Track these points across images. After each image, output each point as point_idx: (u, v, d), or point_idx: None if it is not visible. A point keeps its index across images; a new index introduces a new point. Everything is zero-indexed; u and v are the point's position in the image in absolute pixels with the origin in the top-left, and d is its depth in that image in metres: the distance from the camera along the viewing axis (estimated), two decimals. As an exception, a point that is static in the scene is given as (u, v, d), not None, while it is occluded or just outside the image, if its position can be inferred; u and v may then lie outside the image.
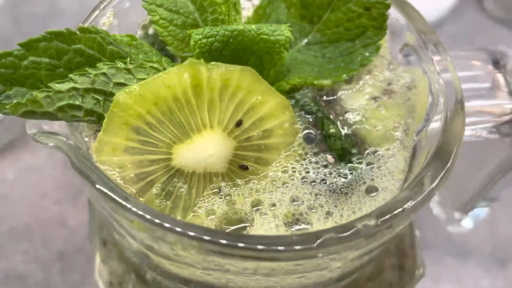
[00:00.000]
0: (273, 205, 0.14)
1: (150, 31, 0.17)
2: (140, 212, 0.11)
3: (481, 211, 0.24)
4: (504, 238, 0.39)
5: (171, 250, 0.12)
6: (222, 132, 0.15)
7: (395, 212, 0.11)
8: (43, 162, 0.40)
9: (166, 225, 0.11)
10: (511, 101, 0.16)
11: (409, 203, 0.11)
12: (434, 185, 0.12)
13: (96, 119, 0.14)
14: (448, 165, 0.12)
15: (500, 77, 0.16)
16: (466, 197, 0.23)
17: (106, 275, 0.17)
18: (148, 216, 0.11)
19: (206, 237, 0.11)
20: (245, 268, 0.12)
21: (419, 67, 0.16)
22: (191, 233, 0.11)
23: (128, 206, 0.11)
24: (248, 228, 0.13)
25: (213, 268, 0.12)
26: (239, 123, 0.15)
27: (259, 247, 0.11)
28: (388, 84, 0.17)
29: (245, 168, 0.15)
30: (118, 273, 0.17)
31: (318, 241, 0.11)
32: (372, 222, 0.11)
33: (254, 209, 0.14)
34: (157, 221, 0.11)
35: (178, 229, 0.11)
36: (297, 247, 0.11)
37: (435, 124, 0.14)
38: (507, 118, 0.16)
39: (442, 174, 0.12)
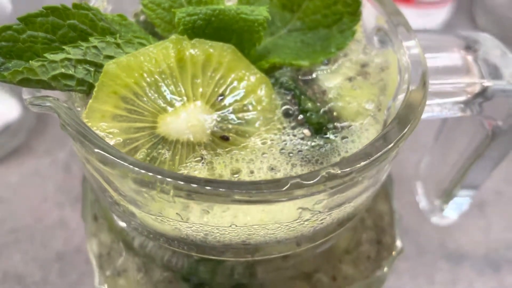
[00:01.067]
0: (252, 172, 0.15)
1: (142, 18, 0.18)
2: (131, 164, 0.12)
3: (463, 201, 0.25)
4: (497, 242, 0.40)
5: (157, 201, 0.13)
6: (205, 105, 0.16)
7: (356, 165, 0.12)
8: (45, 168, 0.41)
9: (158, 176, 0.12)
10: (480, 79, 0.17)
11: (367, 160, 0.13)
12: (390, 146, 0.13)
13: (87, 89, 0.15)
14: (405, 130, 0.13)
15: (470, 58, 0.17)
16: (445, 184, 0.24)
17: (96, 248, 0.18)
18: (139, 166, 0.12)
19: (192, 184, 0.12)
20: (221, 217, 0.13)
21: (391, 48, 0.17)
22: (180, 182, 0.12)
23: (124, 160, 0.13)
24: (226, 215, 0.14)
25: (193, 221, 0.13)
26: (220, 97, 0.16)
27: (235, 190, 0.12)
28: (363, 66, 0.18)
29: (226, 139, 0.16)
30: (107, 244, 0.18)
31: (286, 186, 0.12)
32: (335, 170, 0.12)
33: (233, 175, 0.15)
34: (149, 170, 0.12)
35: (169, 178, 0.12)
36: (267, 191, 0.12)
37: (401, 97, 0.15)
38: (477, 94, 0.17)
39: (398, 136, 0.13)
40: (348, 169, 0.12)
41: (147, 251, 0.16)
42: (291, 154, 0.15)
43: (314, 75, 0.18)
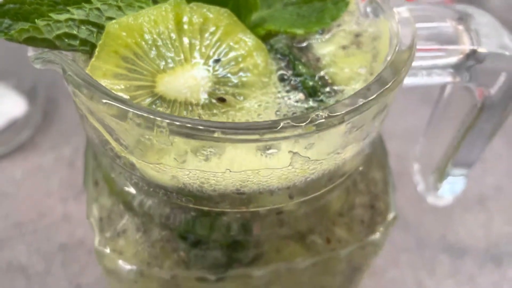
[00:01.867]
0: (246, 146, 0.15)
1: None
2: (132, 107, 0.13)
3: (458, 181, 0.25)
4: (498, 236, 0.40)
5: (156, 146, 0.13)
6: (202, 66, 0.16)
7: (343, 110, 0.13)
8: (49, 164, 0.42)
9: (158, 117, 0.13)
10: (471, 46, 0.17)
11: (351, 106, 0.13)
12: (373, 96, 0.13)
13: (90, 49, 0.16)
14: (389, 85, 0.14)
15: (462, 28, 0.18)
16: (439, 163, 0.24)
17: (97, 212, 0.18)
18: (140, 108, 0.13)
19: (190, 124, 0.12)
20: (218, 164, 0.13)
21: (383, 17, 0.18)
22: (178, 122, 0.13)
23: (126, 103, 0.13)
24: (221, 158, 0.15)
25: (189, 165, 0.13)
26: (217, 60, 0.16)
27: (230, 130, 0.12)
28: (356, 36, 0.18)
29: (222, 100, 0.16)
30: (107, 207, 0.18)
31: (279, 126, 0.13)
32: (323, 113, 0.13)
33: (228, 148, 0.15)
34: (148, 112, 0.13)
35: (166, 119, 0.13)
36: (262, 131, 0.13)
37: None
38: (467, 57, 0.17)
39: (382, 90, 0.14)
40: (336, 113, 0.13)
41: (145, 210, 0.17)
42: (285, 116, 0.16)
43: (308, 44, 0.18)
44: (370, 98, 0.13)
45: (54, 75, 0.52)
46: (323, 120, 0.13)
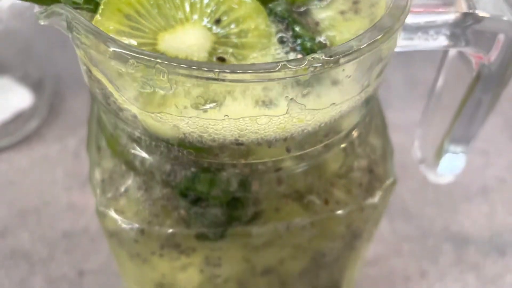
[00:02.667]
0: (245, 90, 0.16)
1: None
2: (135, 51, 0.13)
3: (457, 158, 0.25)
4: (502, 226, 0.39)
5: (157, 92, 0.14)
6: (203, 27, 0.17)
7: (339, 52, 0.13)
8: (55, 154, 0.42)
9: (158, 59, 0.13)
10: (468, 9, 0.18)
11: (348, 50, 0.14)
12: (369, 42, 0.14)
13: (94, 7, 0.16)
14: (385, 31, 0.14)
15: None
16: (437, 139, 0.24)
17: (99, 175, 0.19)
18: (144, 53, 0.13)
19: (188, 64, 0.13)
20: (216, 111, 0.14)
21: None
22: (183, 65, 0.13)
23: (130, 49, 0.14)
24: (220, 105, 0.15)
25: (190, 114, 0.14)
26: (218, 20, 0.17)
27: (230, 70, 0.13)
28: (354, 2, 0.19)
29: (222, 60, 0.17)
30: (109, 169, 0.18)
31: (277, 68, 0.13)
32: (320, 56, 0.13)
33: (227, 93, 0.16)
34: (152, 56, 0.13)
35: (166, 60, 0.13)
36: (261, 70, 0.13)
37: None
38: (464, 20, 0.17)
39: (378, 36, 0.14)
40: (332, 55, 0.13)
41: (147, 168, 0.17)
42: (287, 94, 0.16)
43: (307, 9, 0.19)
44: (366, 43, 0.14)
45: (61, 69, 0.53)
46: (319, 62, 0.13)
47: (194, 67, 0.13)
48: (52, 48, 0.50)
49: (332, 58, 0.13)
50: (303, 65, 0.13)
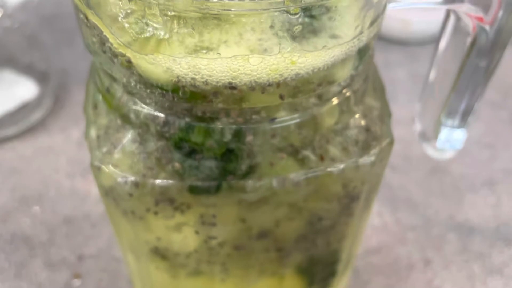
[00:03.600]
0: (239, 41, 0.16)
1: None
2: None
3: (455, 133, 0.25)
4: (508, 217, 0.39)
5: (150, 34, 0.14)
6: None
7: None
8: (59, 144, 0.43)
9: None
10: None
11: None
12: None
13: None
14: None
15: None
16: (436, 113, 0.24)
17: (94, 132, 0.19)
18: None
19: None
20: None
21: None
22: None
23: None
24: (217, 54, 0.15)
25: (183, 55, 0.14)
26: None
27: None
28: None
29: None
30: (104, 125, 0.18)
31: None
32: None
33: (222, 42, 0.16)
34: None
35: None
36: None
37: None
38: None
39: None
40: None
41: (142, 120, 0.17)
42: (279, 31, 0.16)
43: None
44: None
45: (67, 63, 0.53)
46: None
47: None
48: (59, 44, 0.50)
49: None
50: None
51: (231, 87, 0.15)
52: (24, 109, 0.44)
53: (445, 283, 0.34)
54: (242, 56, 0.14)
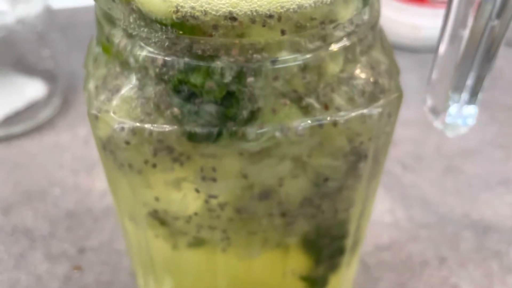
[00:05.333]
0: None
1: None
2: None
3: (465, 110, 0.24)
4: (527, 214, 0.37)
5: None
6: None
7: None
8: (65, 142, 0.42)
9: None
10: None
11: None
12: None
13: None
14: None
15: None
16: (445, 89, 0.23)
17: (93, 84, 0.18)
18: None
19: None
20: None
21: None
22: None
23: None
24: None
25: None
26: None
27: None
28: None
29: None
30: (103, 74, 0.18)
31: None
32: None
33: None
34: None
35: None
36: None
37: None
38: None
39: None
40: None
41: (141, 63, 0.17)
42: None
43: None
44: None
45: (76, 67, 0.54)
46: None
47: None
48: (70, 49, 0.51)
49: None
50: None
51: (231, 17, 0.15)
52: (33, 108, 0.44)
53: (462, 281, 0.33)
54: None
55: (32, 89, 0.45)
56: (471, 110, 0.24)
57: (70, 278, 0.32)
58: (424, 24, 0.52)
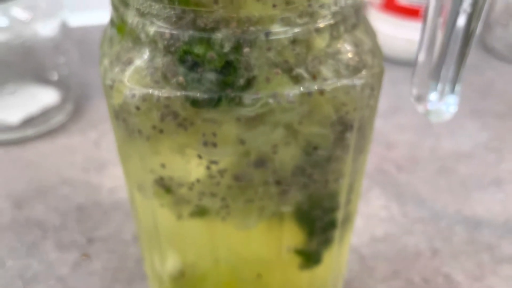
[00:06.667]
0: None
1: None
2: None
3: (446, 98, 0.26)
4: (517, 210, 0.39)
5: None
6: None
7: None
8: (76, 144, 0.45)
9: None
10: None
11: None
12: None
13: None
14: None
15: None
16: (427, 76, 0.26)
17: (107, 60, 0.20)
18: None
19: None
20: None
21: None
22: None
23: None
24: None
25: None
26: None
27: None
28: None
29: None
30: (116, 51, 0.20)
31: None
32: None
33: None
34: None
35: None
36: None
37: None
38: None
39: None
40: None
41: (151, 38, 0.19)
42: None
43: None
44: None
45: (89, 78, 0.57)
46: None
47: None
48: (82, 62, 0.54)
49: None
50: None
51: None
52: (47, 113, 0.46)
53: (453, 270, 0.34)
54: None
55: (47, 96, 0.47)
56: (452, 99, 0.27)
57: (79, 265, 0.34)
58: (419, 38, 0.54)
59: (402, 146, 0.45)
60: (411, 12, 0.55)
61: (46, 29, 0.45)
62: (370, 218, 0.38)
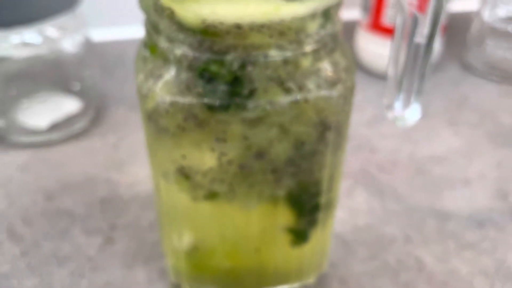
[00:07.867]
0: None
1: None
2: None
3: (410, 106, 0.32)
4: (481, 207, 0.44)
5: None
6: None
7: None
8: (98, 147, 0.51)
9: None
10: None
11: None
12: None
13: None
14: None
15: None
16: (394, 88, 0.32)
17: (143, 75, 0.26)
18: None
19: None
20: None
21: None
22: None
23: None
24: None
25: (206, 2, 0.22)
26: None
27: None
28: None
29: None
30: (150, 68, 0.26)
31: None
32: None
33: None
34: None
35: None
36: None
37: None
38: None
39: None
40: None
41: (177, 58, 0.25)
42: None
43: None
44: None
45: (108, 89, 0.64)
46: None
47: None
48: (102, 74, 0.60)
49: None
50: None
51: (238, 26, 0.23)
52: (70, 120, 0.52)
53: (423, 254, 0.40)
54: (243, 2, 0.22)
55: (71, 105, 0.53)
56: (416, 107, 0.33)
57: (104, 247, 0.39)
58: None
59: (384, 150, 0.51)
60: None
61: (72, 45, 0.52)
62: (354, 210, 0.43)
